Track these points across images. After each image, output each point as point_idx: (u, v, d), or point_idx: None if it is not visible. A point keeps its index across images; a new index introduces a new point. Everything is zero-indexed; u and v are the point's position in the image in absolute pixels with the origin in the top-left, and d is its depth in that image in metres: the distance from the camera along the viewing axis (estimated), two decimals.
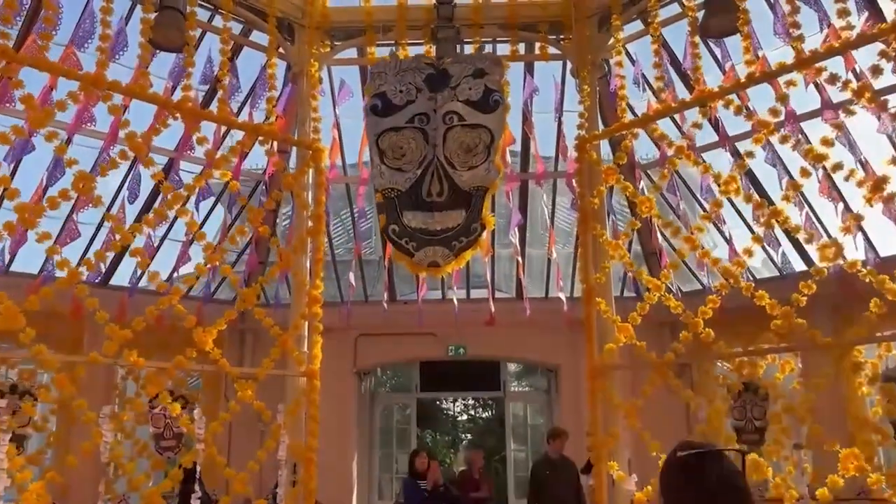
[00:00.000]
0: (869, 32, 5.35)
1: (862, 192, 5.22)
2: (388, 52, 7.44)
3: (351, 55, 8.43)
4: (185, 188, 6.28)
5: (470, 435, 19.12)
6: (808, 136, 7.06)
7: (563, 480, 7.61)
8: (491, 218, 6.51)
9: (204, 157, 6.68)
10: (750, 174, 7.95)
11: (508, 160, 7.99)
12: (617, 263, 6.92)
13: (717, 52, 7.29)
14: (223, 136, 7.66)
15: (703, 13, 6.41)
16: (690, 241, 6.05)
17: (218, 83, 6.87)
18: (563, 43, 7.90)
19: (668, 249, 8.98)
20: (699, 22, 6.48)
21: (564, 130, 8.42)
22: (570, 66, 8.13)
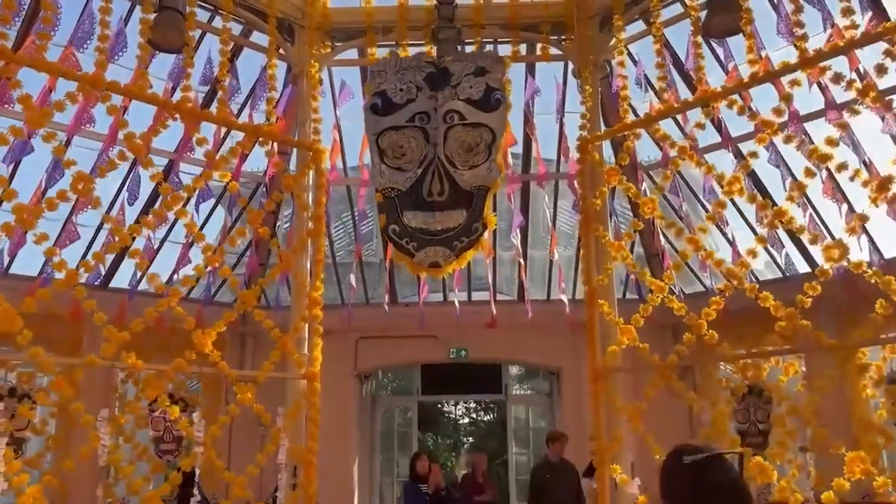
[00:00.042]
0: (873, 32, 5.30)
1: (867, 192, 5.16)
2: (388, 53, 7.41)
3: (351, 56, 8.40)
4: (184, 189, 6.24)
5: (471, 438, 19.06)
6: (811, 136, 7.02)
7: (563, 484, 7.56)
8: (492, 217, 6.47)
9: (203, 158, 6.65)
10: (753, 175, 7.92)
11: (510, 161, 7.96)
12: (619, 265, 6.88)
13: (719, 52, 7.26)
14: (223, 137, 7.64)
15: (705, 13, 6.38)
16: (694, 241, 6.00)
17: (218, 84, 6.84)
18: (564, 43, 7.87)
19: (670, 251, 8.94)
20: (701, 21, 6.45)
21: (566, 132, 8.38)
22: (571, 66, 8.11)
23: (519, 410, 12.53)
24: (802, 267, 8.74)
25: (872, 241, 7.47)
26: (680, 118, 7.28)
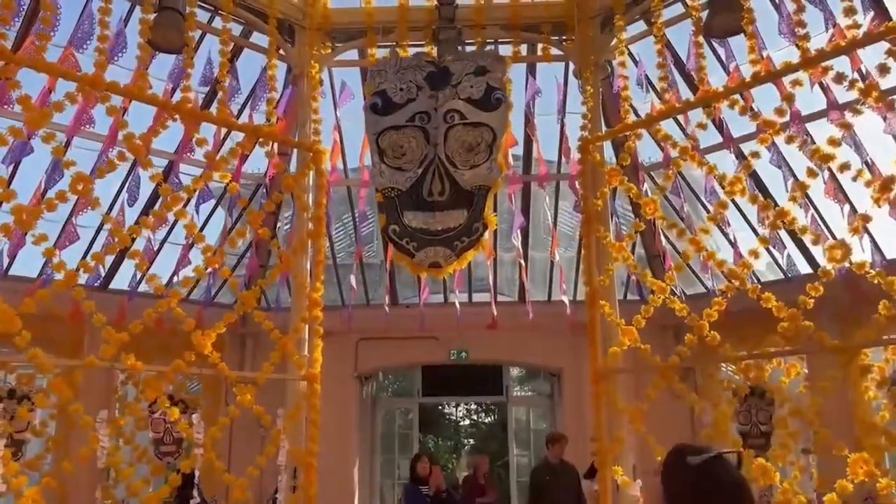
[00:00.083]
0: (875, 31, 5.28)
1: (869, 193, 5.14)
2: (388, 52, 7.39)
3: (352, 57, 8.38)
4: (184, 190, 6.22)
5: (472, 440, 19.04)
6: (813, 137, 7.00)
7: (562, 485, 7.55)
8: (493, 217, 6.44)
9: (203, 159, 6.63)
10: (754, 176, 7.90)
11: (510, 162, 7.93)
12: (620, 266, 6.85)
13: (720, 52, 7.24)
14: (223, 138, 7.63)
15: (706, 13, 6.36)
16: (695, 242, 5.97)
17: (218, 85, 6.82)
18: (565, 44, 7.85)
19: (671, 252, 8.91)
20: (703, 22, 6.42)
21: (567, 132, 8.35)
22: (572, 67, 8.09)
23: (520, 412, 12.51)
24: (804, 268, 8.72)
25: (874, 241, 7.44)
26: (681, 118, 7.25)
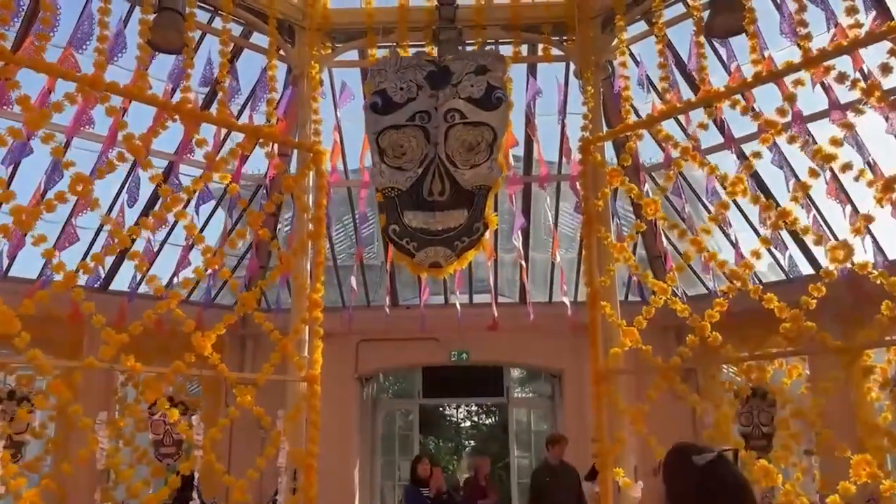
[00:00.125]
0: (877, 31, 5.26)
1: (871, 193, 5.12)
2: (388, 52, 7.37)
3: (352, 57, 8.36)
4: (183, 191, 6.20)
5: (473, 441, 19.02)
6: (815, 137, 6.98)
7: (563, 487, 7.54)
8: (493, 217, 6.42)
9: (203, 160, 6.62)
10: (756, 176, 7.88)
11: (511, 162, 7.91)
12: (621, 267, 6.83)
13: (722, 53, 7.22)
14: (223, 139, 7.61)
15: (707, 13, 6.34)
16: (696, 243, 5.95)
17: (218, 85, 6.81)
18: (566, 44, 7.83)
19: (672, 253, 8.89)
20: (704, 22, 6.41)
21: (568, 133, 8.34)
22: (573, 67, 8.07)
23: (521, 413, 12.48)
24: (806, 269, 8.70)
25: (876, 242, 7.42)
26: (682, 119, 7.24)
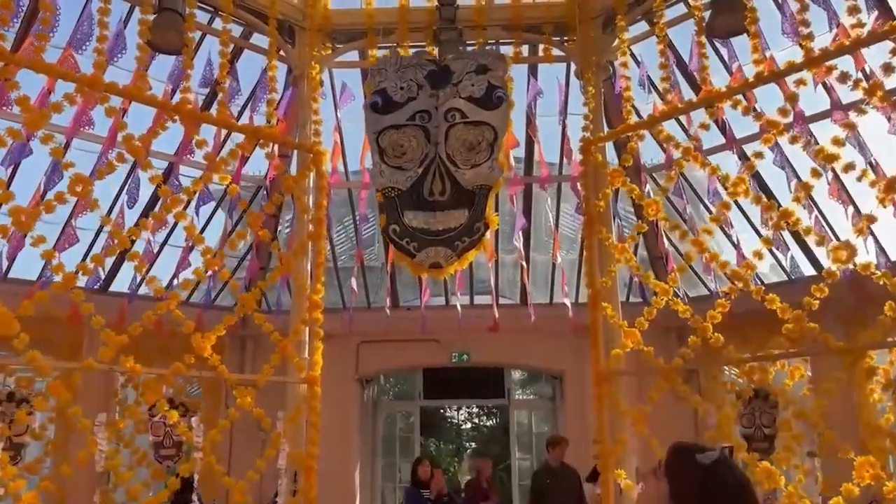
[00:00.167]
0: (880, 30, 5.23)
1: (874, 193, 5.09)
2: (388, 51, 7.34)
3: (352, 58, 8.34)
4: (183, 192, 6.18)
5: (474, 443, 18.99)
6: (817, 138, 6.95)
7: (563, 488, 7.52)
8: (494, 217, 6.39)
9: (203, 161, 6.60)
10: (757, 177, 7.85)
11: (512, 163, 7.89)
12: (622, 268, 6.80)
13: (723, 53, 7.20)
14: (223, 140, 7.59)
15: (709, 13, 6.32)
16: (698, 244, 5.93)
17: (218, 86, 6.79)
18: (567, 44, 7.80)
19: (674, 254, 8.87)
20: (705, 22, 6.38)
21: (569, 133, 8.32)
22: (574, 67, 8.04)
23: (522, 415, 12.45)
24: (807, 269, 8.67)
25: (878, 242, 7.40)
26: (684, 120, 7.21)
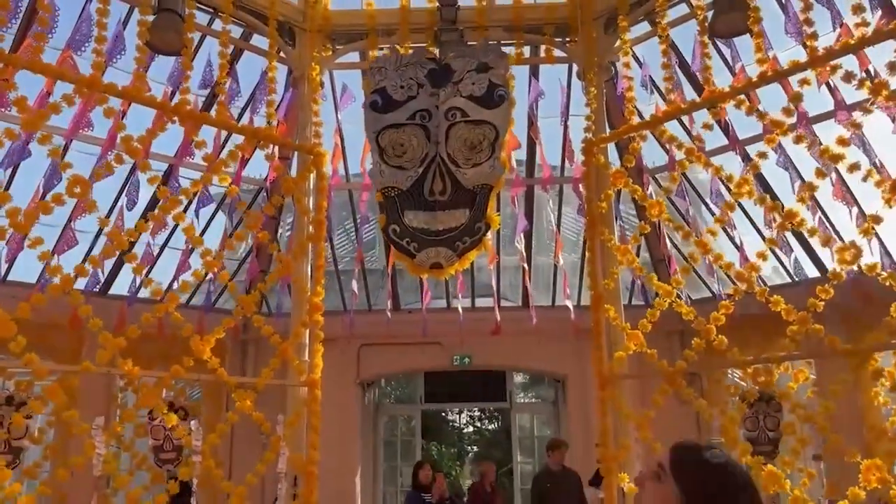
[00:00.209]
0: (885, 29, 5.19)
1: (878, 194, 5.04)
2: (388, 49, 7.30)
3: (353, 59, 8.31)
4: (182, 193, 6.13)
5: (476, 447, 18.95)
6: (820, 139, 6.90)
7: (564, 492, 7.48)
8: (496, 217, 6.34)
9: (203, 162, 6.56)
10: (760, 178, 7.80)
11: (514, 165, 7.85)
12: (625, 271, 6.75)
13: (726, 53, 7.16)
14: (223, 141, 7.56)
15: (711, 13, 6.28)
16: (702, 244, 5.87)
17: (217, 87, 6.75)
18: (568, 45, 7.76)
19: (677, 256, 8.82)
20: (708, 22, 6.34)
21: (570, 135, 8.28)
22: (576, 68, 8.01)
23: (523, 419, 12.41)
24: (811, 271, 8.63)
25: (883, 244, 7.35)
26: (686, 120, 7.17)
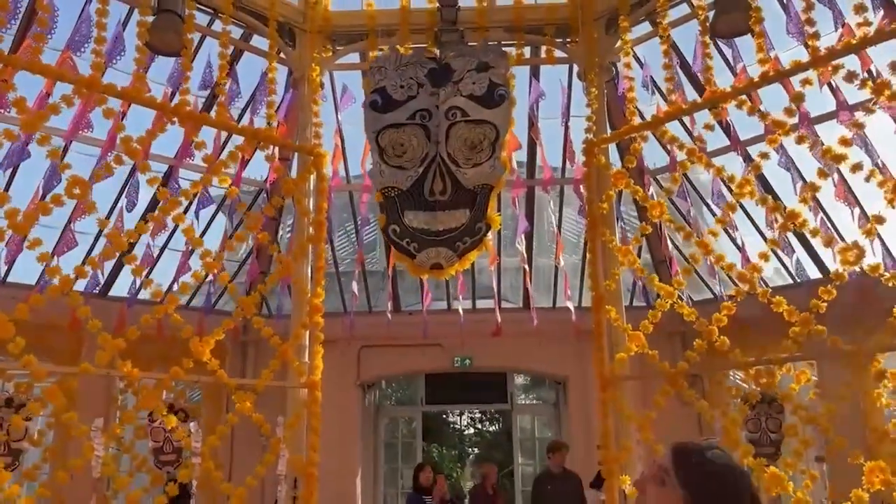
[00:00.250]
0: (887, 29, 5.17)
1: (881, 195, 5.02)
2: (387, 49, 7.28)
3: (353, 60, 8.29)
4: (181, 194, 6.12)
5: (477, 449, 18.91)
6: (822, 140, 6.89)
7: (564, 494, 7.46)
8: (496, 217, 6.31)
9: (203, 163, 6.54)
10: (762, 179, 7.78)
11: (514, 167, 7.82)
12: (626, 272, 6.73)
13: (727, 54, 7.14)
14: (223, 142, 7.54)
15: (712, 13, 6.26)
16: (703, 245, 5.86)
17: (217, 88, 6.74)
18: (569, 46, 7.74)
19: (678, 257, 8.79)
20: (709, 22, 6.32)
21: (571, 136, 8.26)
22: (576, 69, 7.99)
23: (525, 420, 12.38)
24: (813, 273, 8.60)
25: (885, 244, 7.33)
26: (688, 121, 7.15)
